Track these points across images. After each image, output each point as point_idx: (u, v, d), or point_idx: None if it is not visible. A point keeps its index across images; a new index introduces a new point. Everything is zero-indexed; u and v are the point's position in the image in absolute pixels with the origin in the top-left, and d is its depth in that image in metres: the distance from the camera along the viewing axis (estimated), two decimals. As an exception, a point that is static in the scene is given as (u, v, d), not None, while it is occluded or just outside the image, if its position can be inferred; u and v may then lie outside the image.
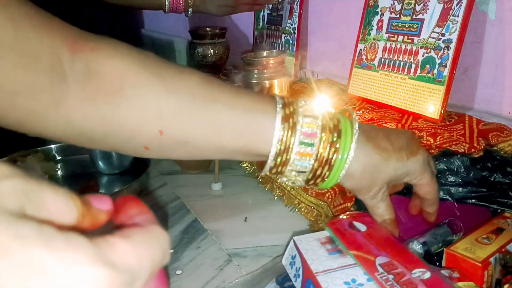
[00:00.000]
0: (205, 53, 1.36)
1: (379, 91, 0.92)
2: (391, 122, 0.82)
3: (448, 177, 0.55)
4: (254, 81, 0.94)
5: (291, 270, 0.46)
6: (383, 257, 0.42)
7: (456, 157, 0.55)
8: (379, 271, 0.40)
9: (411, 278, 0.39)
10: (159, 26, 2.12)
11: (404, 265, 0.41)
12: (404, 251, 0.44)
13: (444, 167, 0.55)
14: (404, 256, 0.43)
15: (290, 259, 0.47)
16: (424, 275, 0.39)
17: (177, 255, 0.64)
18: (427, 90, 0.81)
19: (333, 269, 0.42)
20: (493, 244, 0.46)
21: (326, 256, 0.44)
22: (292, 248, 0.47)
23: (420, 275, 0.39)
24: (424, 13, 0.83)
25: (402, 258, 0.42)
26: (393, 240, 0.46)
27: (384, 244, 0.44)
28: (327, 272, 0.41)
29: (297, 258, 0.45)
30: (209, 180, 0.85)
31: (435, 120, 0.79)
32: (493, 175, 0.54)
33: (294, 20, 1.17)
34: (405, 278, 0.39)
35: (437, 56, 0.80)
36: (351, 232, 0.47)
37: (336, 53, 1.14)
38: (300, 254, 0.45)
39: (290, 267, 0.47)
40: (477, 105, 0.84)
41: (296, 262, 0.46)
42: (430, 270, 0.40)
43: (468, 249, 0.45)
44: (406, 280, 0.39)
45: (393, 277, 0.39)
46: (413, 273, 0.40)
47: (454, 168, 0.54)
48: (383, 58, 0.91)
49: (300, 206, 0.71)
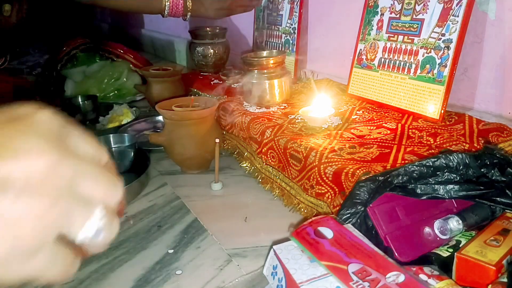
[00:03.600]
0: (205, 53, 1.36)
1: (379, 91, 0.92)
2: (391, 122, 0.82)
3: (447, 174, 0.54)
4: (254, 81, 0.94)
5: (273, 280, 0.45)
6: (355, 264, 0.41)
7: (455, 154, 0.55)
8: (354, 279, 0.39)
9: (386, 284, 0.38)
10: (159, 26, 2.12)
11: (377, 270, 0.40)
12: (375, 255, 0.43)
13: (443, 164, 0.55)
14: (376, 261, 0.42)
15: (272, 269, 0.46)
16: (398, 279, 0.39)
17: (177, 255, 0.64)
18: (427, 90, 0.81)
19: (317, 277, 0.41)
20: (502, 246, 0.46)
21: (308, 264, 0.43)
22: (272, 257, 0.46)
23: (395, 279, 0.39)
24: (424, 13, 0.83)
25: (374, 263, 0.41)
26: (361, 244, 0.45)
27: (354, 250, 0.43)
28: (311, 281, 0.40)
29: (278, 268, 0.44)
30: (209, 180, 0.85)
31: (435, 120, 0.79)
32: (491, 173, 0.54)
33: (294, 20, 1.17)
34: (381, 284, 0.38)
35: (437, 56, 0.80)
36: (318, 240, 0.45)
37: (336, 53, 1.14)
38: (281, 264, 0.44)
39: (272, 278, 0.46)
40: (477, 105, 0.84)
41: (278, 272, 0.44)
42: (404, 273, 0.40)
43: (479, 252, 0.45)
44: (382, 286, 0.38)
45: (369, 285, 0.38)
46: (387, 278, 0.39)
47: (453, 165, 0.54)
48: (383, 58, 0.91)
49: (300, 206, 0.71)
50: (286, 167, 0.76)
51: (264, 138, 0.82)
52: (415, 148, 0.69)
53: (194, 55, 1.39)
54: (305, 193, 0.70)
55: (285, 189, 0.76)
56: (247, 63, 0.96)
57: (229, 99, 1.04)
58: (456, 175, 0.54)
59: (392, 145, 0.71)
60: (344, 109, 0.91)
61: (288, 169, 0.75)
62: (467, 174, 0.54)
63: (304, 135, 0.78)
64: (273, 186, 0.80)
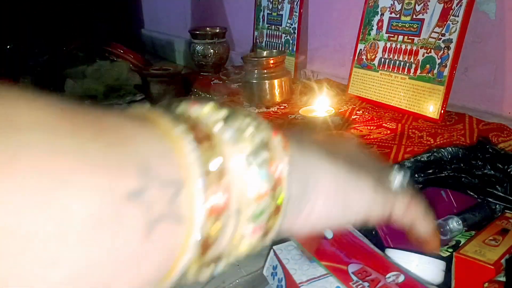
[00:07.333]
0: (205, 53, 1.36)
1: (379, 91, 0.92)
2: (391, 122, 0.82)
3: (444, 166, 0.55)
4: (254, 81, 0.94)
5: (273, 281, 0.45)
6: (355, 265, 0.41)
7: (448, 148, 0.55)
8: (354, 280, 0.39)
9: (386, 284, 0.38)
10: (159, 26, 2.12)
11: (377, 270, 0.40)
12: (375, 256, 0.43)
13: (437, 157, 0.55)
14: (376, 261, 0.42)
15: (272, 269, 0.46)
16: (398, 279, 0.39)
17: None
18: (427, 90, 0.81)
19: (316, 277, 0.41)
20: (501, 245, 0.46)
21: (307, 264, 0.43)
22: (272, 258, 0.46)
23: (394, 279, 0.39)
24: (424, 13, 0.83)
25: (373, 263, 0.41)
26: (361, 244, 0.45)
27: (354, 250, 0.44)
28: (311, 281, 0.40)
29: (278, 269, 0.44)
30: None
31: (435, 120, 0.79)
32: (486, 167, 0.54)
33: (294, 20, 1.17)
34: (380, 284, 0.38)
35: (437, 56, 0.80)
36: (318, 240, 0.45)
37: (336, 53, 1.14)
38: (281, 264, 0.44)
39: (272, 278, 0.46)
40: (477, 105, 0.84)
41: (278, 273, 0.44)
42: (403, 273, 0.40)
43: (478, 251, 0.45)
44: (382, 286, 0.38)
45: (368, 285, 0.38)
46: (387, 278, 0.39)
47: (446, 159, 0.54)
48: (383, 58, 0.91)
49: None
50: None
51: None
52: (415, 148, 0.69)
53: (194, 55, 1.39)
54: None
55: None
56: (247, 63, 0.96)
57: (229, 99, 1.04)
58: (449, 168, 0.54)
59: (392, 145, 0.71)
60: (344, 109, 0.91)
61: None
62: (459, 167, 0.54)
63: (304, 135, 0.78)
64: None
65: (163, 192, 0.17)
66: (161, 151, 0.18)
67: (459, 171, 0.54)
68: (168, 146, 0.18)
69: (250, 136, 0.20)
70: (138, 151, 0.17)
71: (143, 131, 0.18)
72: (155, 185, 0.16)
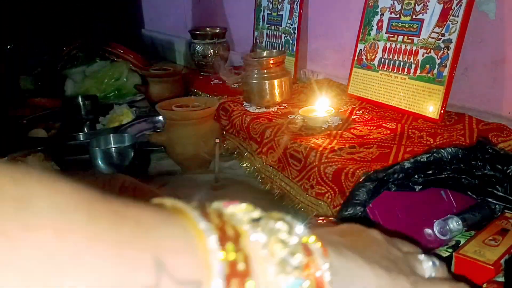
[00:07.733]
0: (205, 53, 1.36)
1: (379, 91, 0.92)
2: (391, 122, 0.82)
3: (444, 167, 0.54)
4: (254, 81, 0.94)
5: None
6: None
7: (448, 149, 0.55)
8: None
9: None
10: (159, 26, 2.12)
11: None
12: None
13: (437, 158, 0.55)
14: None
15: None
16: None
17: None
18: (427, 90, 0.81)
19: None
20: (501, 245, 0.46)
21: None
22: None
23: None
24: (424, 13, 0.83)
25: None
26: None
27: None
28: None
29: None
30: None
31: (435, 120, 0.79)
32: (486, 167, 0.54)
33: (294, 20, 1.17)
34: None
35: (437, 56, 0.80)
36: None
37: (336, 53, 1.14)
38: None
39: None
40: (476, 105, 0.84)
41: None
42: None
43: (478, 252, 0.45)
44: None
45: None
46: None
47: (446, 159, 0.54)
48: (383, 58, 0.91)
49: (300, 206, 0.71)
50: (286, 167, 0.76)
51: (264, 138, 0.82)
52: (415, 148, 0.69)
53: (194, 55, 1.39)
54: (305, 193, 0.70)
55: (285, 189, 0.76)
56: (247, 63, 0.96)
57: (229, 99, 1.04)
58: (449, 169, 0.54)
59: (392, 145, 0.71)
60: (344, 109, 0.91)
61: (288, 169, 0.75)
62: (459, 168, 0.54)
63: (304, 135, 0.78)
64: (273, 186, 0.80)
65: None
66: (182, 247, 0.17)
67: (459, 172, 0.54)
68: (191, 242, 0.17)
69: (282, 240, 0.20)
70: (157, 245, 0.16)
71: (168, 224, 0.18)
72: (170, 283, 0.16)
